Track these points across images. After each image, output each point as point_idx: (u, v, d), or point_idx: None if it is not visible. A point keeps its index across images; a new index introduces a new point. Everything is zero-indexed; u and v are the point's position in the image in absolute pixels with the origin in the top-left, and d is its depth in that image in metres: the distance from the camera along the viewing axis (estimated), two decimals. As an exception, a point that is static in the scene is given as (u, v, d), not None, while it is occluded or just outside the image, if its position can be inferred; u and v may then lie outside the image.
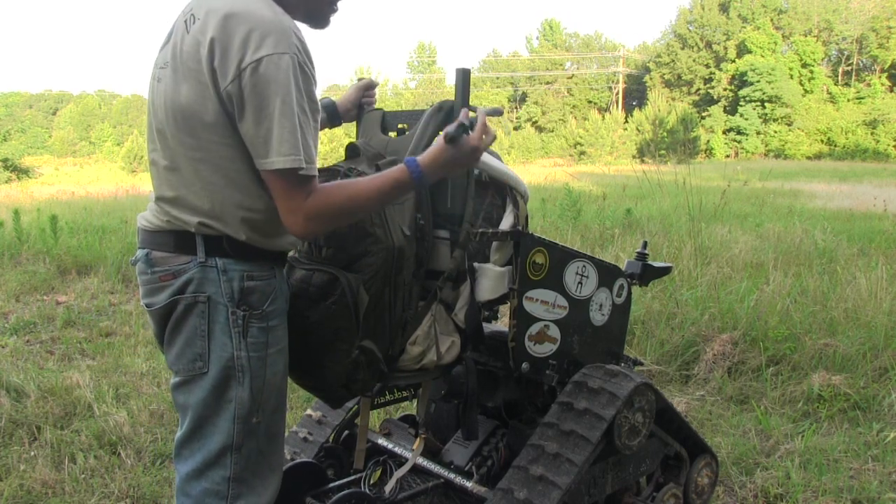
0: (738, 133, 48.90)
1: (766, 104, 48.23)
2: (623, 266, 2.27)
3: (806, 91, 49.74)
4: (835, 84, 51.76)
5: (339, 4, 1.58)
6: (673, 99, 51.85)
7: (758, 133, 48.66)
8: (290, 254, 1.72)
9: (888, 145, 43.79)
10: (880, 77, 50.22)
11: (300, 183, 1.36)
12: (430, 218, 1.70)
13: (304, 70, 1.35)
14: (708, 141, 47.93)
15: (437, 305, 1.72)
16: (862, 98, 48.64)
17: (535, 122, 59.62)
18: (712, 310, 4.41)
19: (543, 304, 1.90)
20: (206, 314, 1.43)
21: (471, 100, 1.73)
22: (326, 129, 2.01)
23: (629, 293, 2.17)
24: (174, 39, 1.43)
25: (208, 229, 1.42)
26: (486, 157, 1.78)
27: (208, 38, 1.33)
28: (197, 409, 1.47)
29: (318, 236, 1.56)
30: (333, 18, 1.60)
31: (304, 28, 1.52)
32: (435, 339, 1.71)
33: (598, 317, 2.07)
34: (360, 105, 1.98)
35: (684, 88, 55.07)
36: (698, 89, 54.14)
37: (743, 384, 3.80)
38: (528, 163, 39.08)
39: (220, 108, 1.35)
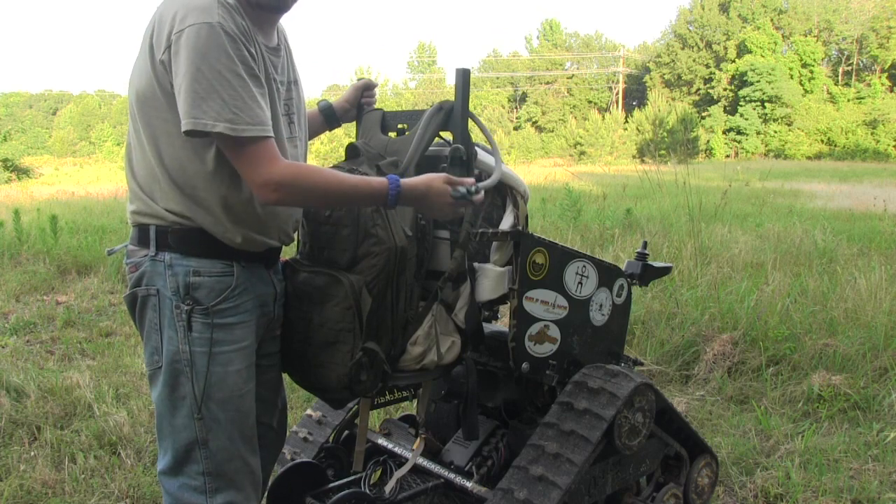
0: (738, 133, 48.87)
1: (766, 104, 48.20)
2: (623, 266, 2.27)
3: (806, 91, 49.72)
4: (835, 84, 51.73)
5: None
6: (673, 99, 51.83)
7: (758, 133, 48.63)
8: (293, 256, 1.72)
9: (888, 145, 43.76)
10: (880, 77, 50.20)
11: (244, 144, 1.37)
12: (431, 218, 1.70)
13: (232, 38, 1.37)
14: (708, 141, 47.90)
15: (438, 306, 1.72)
16: (862, 98, 48.61)
17: (535, 122, 59.59)
18: (712, 310, 4.41)
19: (543, 304, 1.90)
20: (157, 307, 1.48)
21: (471, 100, 1.72)
22: (325, 131, 2.02)
23: (629, 293, 2.17)
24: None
25: (165, 212, 1.46)
26: (485, 157, 1.78)
27: (152, 20, 1.42)
28: (157, 403, 1.51)
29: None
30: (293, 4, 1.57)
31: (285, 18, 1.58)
32: (435, 340, 1.71)
33: (599, 317, 2.07)
34: (360, 105, 1.98)
35: (684, 88, 55.04)
36: (698, 89, 54.11)
37: (743, 384, 3.80)
38: (528, 163, 39.05)
39: (157, 83, 1.40)
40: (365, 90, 1.99)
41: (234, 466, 1.53)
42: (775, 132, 47.98)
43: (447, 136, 1.77)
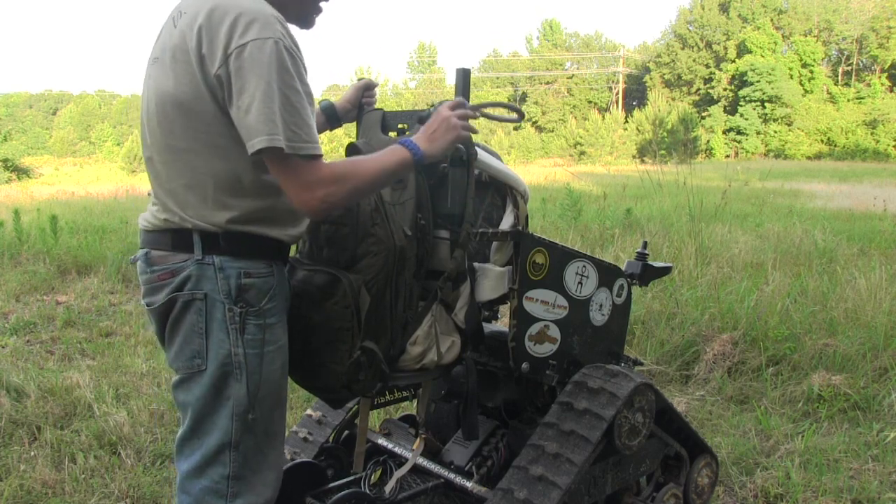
0: (738, 133, 48.87)
1: (766, 104, 48.19)
2: (623, 266, 2.27)
3: (806, 91, 49.71)
4: (835, 84, 51.72)
5: (324, 5, 1.63)
6: (673, 99, 51.83)
7: (758, 133, 48.62)
8: (292, 254, 1.72)
9: (888, 145, 43.75)
10: (880, 77, 50.19)
11: (299, 162, 1.36)
12: (431, 218, 1.71)
13: (291, 54, 1.37)
14: (708, 141, 47.90)
15: (438, 305, 1.72)
16: (862, 98, 48.60)
17: (535, 122, 59.56)
18: (712, 310, 4.41)
19: (543, 304, 1.90)
20: (203, 311, 1.44)
21: (471, 100, 1.72)
22: (326, 131, 2.02)
23: (629, 293, 2.17)
24: (163, 36, 1.48)
25: (204, 223, 1.44)
26: (485, 156, 1.78)
27: (196, 27, 1.37)
28: (196, 406, 1.48)
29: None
30: (318, 19, 1.65)
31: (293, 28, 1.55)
32: (435, 339, 1.71)
33: (599, 317, 2.07)
34: (360, 105, 1.98)
35: (684, 88, 55.03)
36: (698, 89, 54.11)
37: (743, 384, 3.80)
38: (528, 163, 39.06)
39: (210, 95, 1.38)
40: (365, 90, 2.00)
41: (259, 470, 1.52)
42: (775, 132, 47.97)
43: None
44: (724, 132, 49.55)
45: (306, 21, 1.62)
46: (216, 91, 1.37)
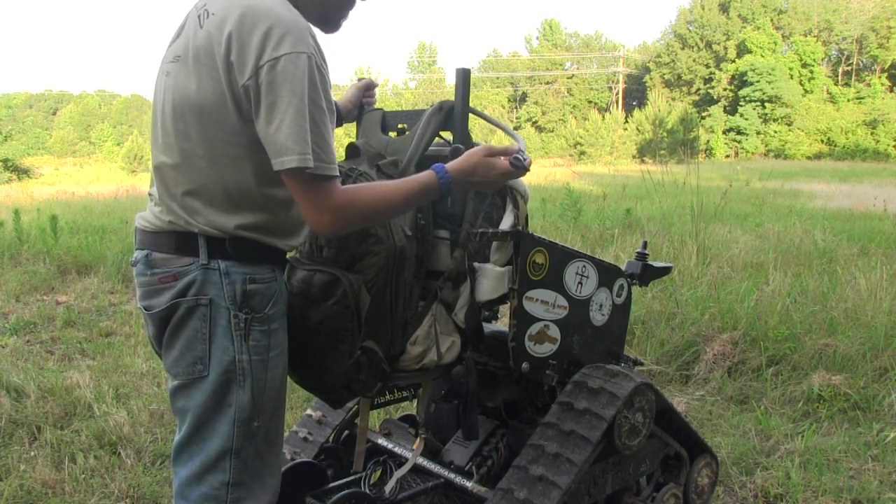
0: (738, 133, 48.90)
1: (766, 104, 48.23)
2: (623, 266, 2.27)
3: (806, 91, 49.74)
4: (835, 84, 51.75)
5: (350, 12, 1.60)
6: (673, 99, 51.85)
7: (758, 133, 48.66)
8: (291, 254, 1.72)
9: (888, 145, 43.79)
10: (880, 77, 50.20)
11: (318, 182, 1.34)
12: (431, 218, 1.70)
13: (320, 70, 1.35)
14: (708, 141, 47.94)
15: (438, 305, 1.72)
16: (862, 98, 48.64)
17: (535, 122, 59.61)
18: (712, 310, 4.41)
19: (543, 304, 1.90)
20: (207, 317, 1.42)
21: (471, 100, 1.72)
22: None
23: (629, 293, 2.17)
24: (186, 34, 1.42)
25: (211, 227, 1.42)
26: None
27: (226, 32, 1.33)
28: (196, 412, 1.45)
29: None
30: (344, 24, 1.62)
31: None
32: (435, 339, 1.71)
33: (599, 317, 2.07)
34: (361, 105, 1.98)
35: (684, 88, 55.05)
36: (698, 89, 54.14)
37: (743, 384, 3.80)
38: (527, 163, 38.93)
39: (234, 104, 1.35)
40: (366, 90, 1.99)
41: (258, 475, 1.51)
42: (775, 132, 48.00)
43: (447, 135, 1.77)
44: (724, 132, 49.58)
45: (333, 25, 1.59)
46: (241, 101, 1.34)
